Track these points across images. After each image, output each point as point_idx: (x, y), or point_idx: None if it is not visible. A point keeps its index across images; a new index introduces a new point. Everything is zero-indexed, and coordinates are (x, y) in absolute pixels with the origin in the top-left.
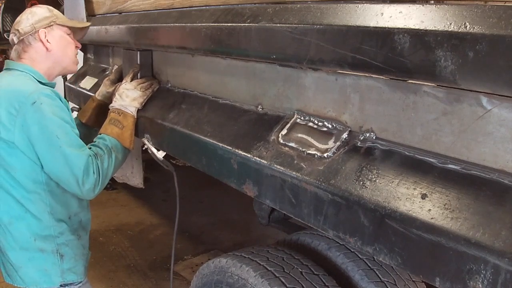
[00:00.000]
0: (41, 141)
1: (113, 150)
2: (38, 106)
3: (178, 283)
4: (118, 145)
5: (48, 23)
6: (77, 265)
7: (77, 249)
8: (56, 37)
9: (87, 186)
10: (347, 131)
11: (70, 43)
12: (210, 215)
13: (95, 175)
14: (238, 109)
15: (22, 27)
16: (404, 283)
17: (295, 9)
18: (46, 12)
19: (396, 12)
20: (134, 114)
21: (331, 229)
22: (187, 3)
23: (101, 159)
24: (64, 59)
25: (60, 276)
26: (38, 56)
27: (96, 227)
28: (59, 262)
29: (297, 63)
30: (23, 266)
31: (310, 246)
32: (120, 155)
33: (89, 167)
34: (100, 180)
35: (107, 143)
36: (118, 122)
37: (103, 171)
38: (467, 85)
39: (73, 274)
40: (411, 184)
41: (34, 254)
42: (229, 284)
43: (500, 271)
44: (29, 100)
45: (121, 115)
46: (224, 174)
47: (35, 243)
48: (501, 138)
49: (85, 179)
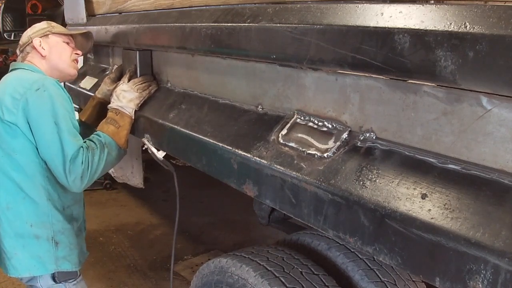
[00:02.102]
0: (40, 124)
1: (106, 146)
2: (41, 92)
3: (178, 283)
4: (113, 142)
5: (43, 33)
6: (71, 254)
7: (73, 238)
8: (51, 43)
9: (73, 176)
10: (347, 131)
11: (65, 49)
12: (210, 215)
13: (83, 166)
14: (238, 109)
15: (22, 39)
16: (404, 283)
17: (295, 9)
18: (43, 24)
19: (396, 12)
20: (131, 114)
21: (331, 229)
22: (187, 3)
23: (93, 152)
24: (59, 62)
25: (54, 263)
26: (36, 61)
27: (96, 227)
28: (54, 249)
29: (297, 63)
30: (18, 252)
31: (310, 246)
32: (114, 153)
33: (78, 157)
34: (88, 172)
35: (101, 139)
36: (114, 121)
37: (93, 165)
38: (467, 85)
39: (67, 263)
40: (411, 184)
41: (29, 240)
42: (229, 284)
43: (500, 271)
44: (33, 86)
45: (118, 115)
46: (224, 174)
47: (31, 229)
48: (501, 138)
49: (72, 167)
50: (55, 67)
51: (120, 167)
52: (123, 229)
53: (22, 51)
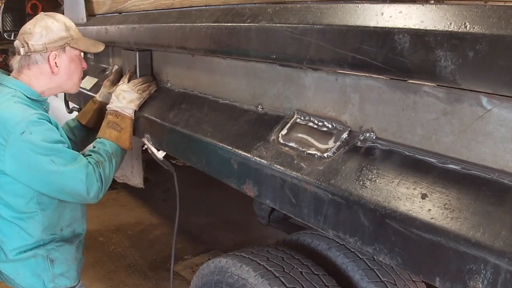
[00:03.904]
0: (35, 170)
1: (113, 156)
2: (27, 136)
3: (178, 283)
4: (118, 149)
5: (62, 45)
6: (69, 270)
7: (69, 254)
8: (66, 61)
9: (92, 194)
10: (347, 131)
11: (77, 68)
12: (210, 215)
13: (99, 183)
14: (238, 109)
15: (33, 42)
16: (404, 283)
17: (295, 9)
18: (62, 30)
19: (396, 12)
20: (131, 115)
21: (331, 229)
22: (187, 3)
23: (103, 166)
24: (67, 83)
25: (51, 281)
26: (42, 76)
27: (96, 227)
28: (50, 268)
29: (297, 63)
30: (20, 273)
31: (310, 246)
32: (119, 159)
33: (92, 177)
34: (103, 186)
35: (107, 149)
36: (116, 124)
37: (106, 178)
38: (467, 85)
39: (65, 279)
40: (411, 184)
41: (27, 260)
42: (229, 284)
43: (500, 271)
44: (17, 130)
45: (119, 117)
46: (224, 174)
47: (25, 254)
48: (501, 138)
49: (90, 188)
50: (59, 85)
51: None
52: (123, 229)
53: (28, 57)
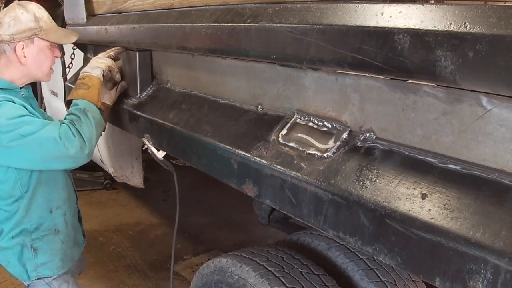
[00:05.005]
0: (10, 147)
1: (86, 110)
2: None
3: (178, 283)
4: (90, 104)
5: (29, 36)
6: (53, 260)
7: (54, 244)
8: (34, 51)
9: (72, 150)
10: (347, 131)
11: (47, 58)
12: (210, 215)
13: (76, 137)
14: (238, 109)
15: (1, 32)
16: (404, 283)
17: (295, 9)
18: (31, 21)
19: (396, 12)
20: (99, 75)
21: (331, 229)
22: (187, 3)
23: (78, 122)
24: (36, 72)
25: (34, 270)
26: (10, 65)
27: (96, 227)
28: (33, 257)
29: (297, 63)
30: (10, 261)
31: (310, 246)
32: (96, 115)
33: (67, 133)
34: (85, 141)
35: (78, 106)
36: (83, 84)
37: (84, 131)
38: (467, 85)
39: (47, 270)
40: (411, 184)
41: (15, 248)
42: (229, 284)
43: (500, 271)
44: None
45: (86, 78)
46: (224, 174)
47: (12, 240)
48: (501, 138)
49: (68, 144)
50: (29, 75)
51: (120, 167)
52: (123, 229)
53: None
